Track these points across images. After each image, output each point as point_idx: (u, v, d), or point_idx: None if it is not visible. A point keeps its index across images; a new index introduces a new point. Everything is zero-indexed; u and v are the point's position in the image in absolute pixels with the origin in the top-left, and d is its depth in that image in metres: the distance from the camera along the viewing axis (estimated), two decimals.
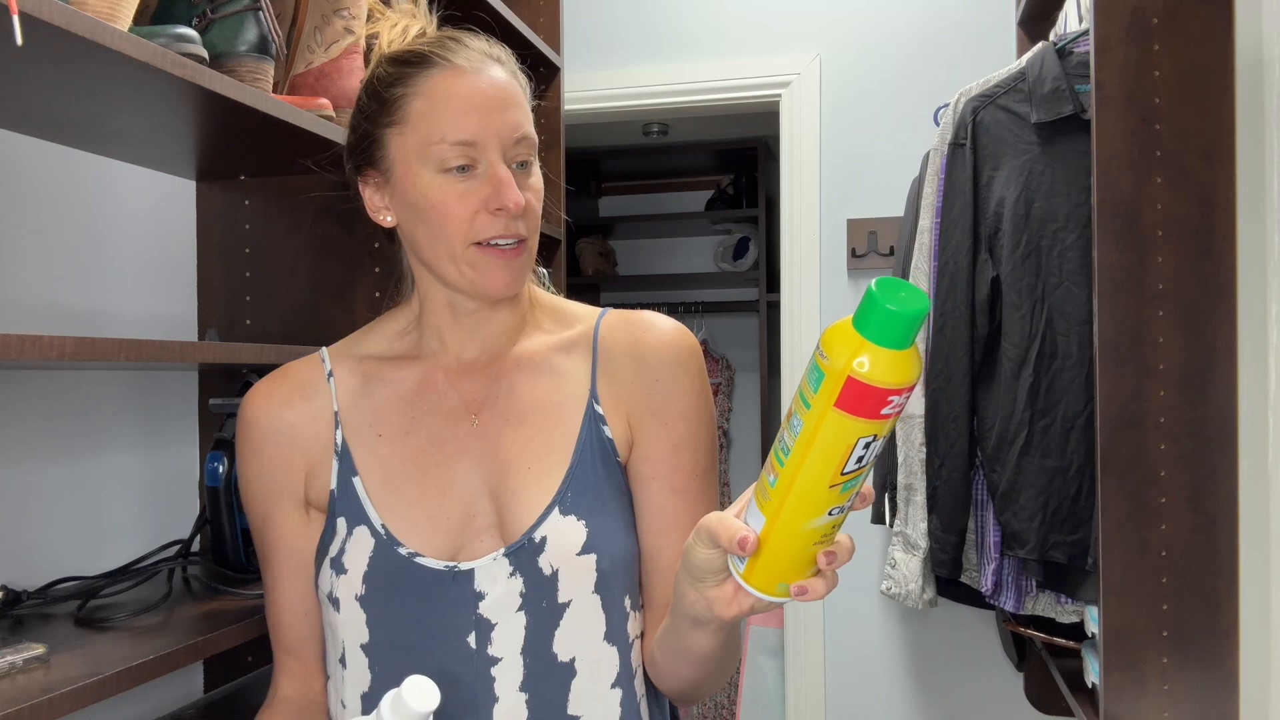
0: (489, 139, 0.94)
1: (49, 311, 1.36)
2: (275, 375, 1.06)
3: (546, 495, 0.96)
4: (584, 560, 0.94)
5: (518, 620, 0.94)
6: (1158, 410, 1.59)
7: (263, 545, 1.04)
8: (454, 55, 0.96)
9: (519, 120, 0.96)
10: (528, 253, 0.98)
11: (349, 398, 1.03)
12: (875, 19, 2.84)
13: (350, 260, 1.58)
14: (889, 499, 2.26)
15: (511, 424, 1.00)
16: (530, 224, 0.97)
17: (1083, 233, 1.85)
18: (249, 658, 1.53)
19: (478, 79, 0.95)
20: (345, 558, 0.97)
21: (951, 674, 2.76)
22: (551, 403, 1.00)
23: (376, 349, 1.06)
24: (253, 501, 1.04)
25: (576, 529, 0.94)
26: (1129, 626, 1.58)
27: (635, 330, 1.02)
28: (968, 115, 2.02)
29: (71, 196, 1.39)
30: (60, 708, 0.91)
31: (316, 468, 1.01)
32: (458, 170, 0.94)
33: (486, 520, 0.97)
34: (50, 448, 1.36)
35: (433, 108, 0.94)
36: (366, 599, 0.95)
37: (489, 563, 0.94)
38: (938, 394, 2.03)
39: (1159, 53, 1.59)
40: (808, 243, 2.87)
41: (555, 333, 1.05)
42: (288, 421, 1.02)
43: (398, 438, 1.00)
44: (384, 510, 0.97)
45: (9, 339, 0.88)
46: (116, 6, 1.01)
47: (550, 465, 0.97)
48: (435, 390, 1.02)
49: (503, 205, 0.94)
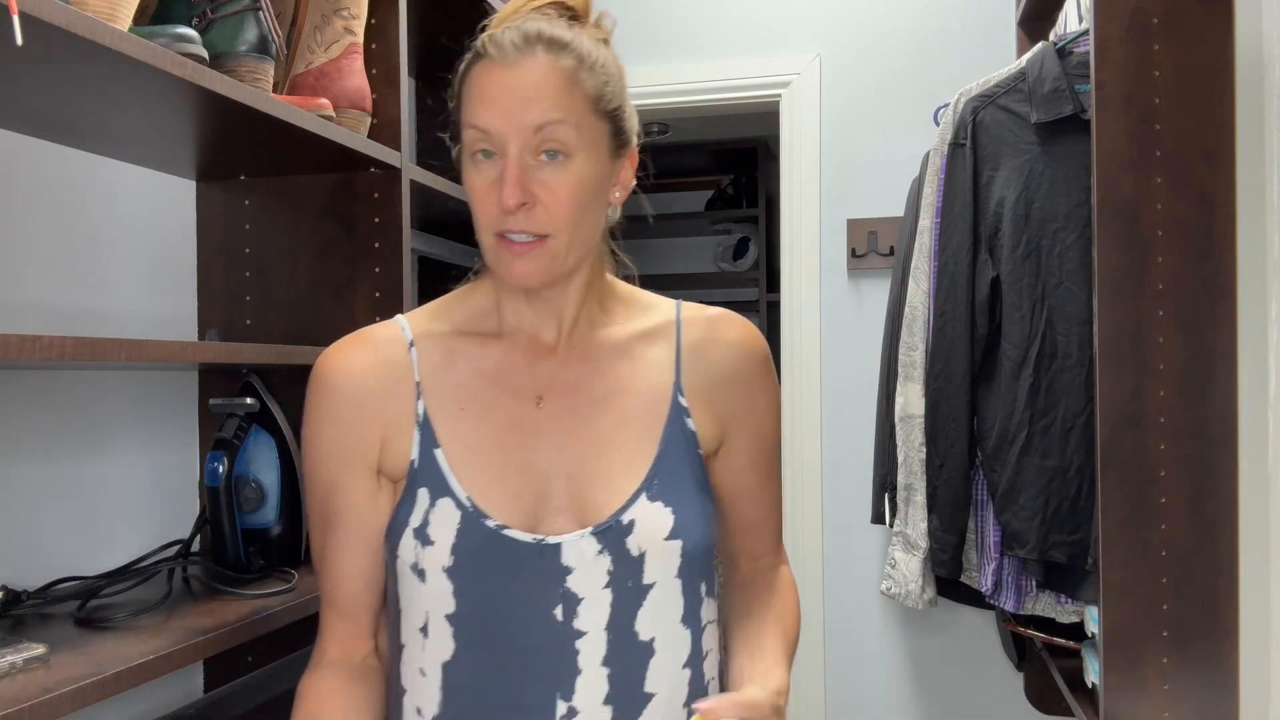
0: (508, 129, 0.93)
1: (49, 311, 1.36)
2: (354, 339, 1.05)
3: (634, 480, 0.99)
4: (671, 545, 0.98)
5: (604, 597, 0.96)
6: (1158, 410, 1.59)
7: (325, 510, 1.03)
8: (495, 46, 0.95)
9: (543, 110, 0.93)
10: (549, 249, 0.96)
11: (431, 370, 1.02)
12: (875, 19, 2.84)
13: (350, 260, 1.58)
14: (889, 499, 2.26)
15: (594, 408, 1.02)
16: (552, 219, 0.95)
17: (1083, 233, 1.85)
18: (249, 658, 1.53)
19: (507, 70, 0.94)
20: (430, 529, 0.97)
21: (951, 674, 2.76)
22: (635, 389, 1.03)
23: (459, 323, 1.06)
24: (321, 465, 1.02)
25: (664, 515, 0.98)
26: (1129, 626, 1.58)
27: (720, 329, 1.07)
28: (968, 115, 2.02)
29: (71, 196, 1.39)
30: (60, 708, 0.91)
31: (393, 436, 1.01)
32: (482, 155, 0.95)
33: (563, 500, 0.99)
34: (50, 448, 1.36)
35: (469, 95, 0.96)
36: (454, 570, 0.96)
37: (576, 539, 0.96)
38: (938, 394, 2.03)
39: (1159, 53, 1.59)
40: (808, 243, 2.87)
41: (633, 320, 1.07)
42: (367, 388, 1.01)
43: (478, 414, 1.01)
44: (467, 484, 0.98)
45: (9, 339, 0.89)
46: (116, 6, 1.01)
47: (638, 451, 1.00)
48: (515, 370, 1.03)
49: (501, 201, 0.93)
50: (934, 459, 2.05)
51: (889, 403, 2.27)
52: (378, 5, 1.60)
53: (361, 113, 1.51)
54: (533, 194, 0.94)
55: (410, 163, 1.63)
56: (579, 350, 1.04)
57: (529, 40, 0.95)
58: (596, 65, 0.97)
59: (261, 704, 1.39)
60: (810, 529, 2.83)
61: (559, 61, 0.95)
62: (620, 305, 1.08)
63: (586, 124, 0.95)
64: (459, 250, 1.99)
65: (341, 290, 1.58)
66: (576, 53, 0.96)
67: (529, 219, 0.94)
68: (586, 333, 1.05)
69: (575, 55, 0.96)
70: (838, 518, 2.83)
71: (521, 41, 0.95)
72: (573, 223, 0.96)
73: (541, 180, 0.94)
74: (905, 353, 2.14)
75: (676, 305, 1.10)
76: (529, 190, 0.93)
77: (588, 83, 0.96)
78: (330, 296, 1.58)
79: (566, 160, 0.94)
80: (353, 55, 1.51)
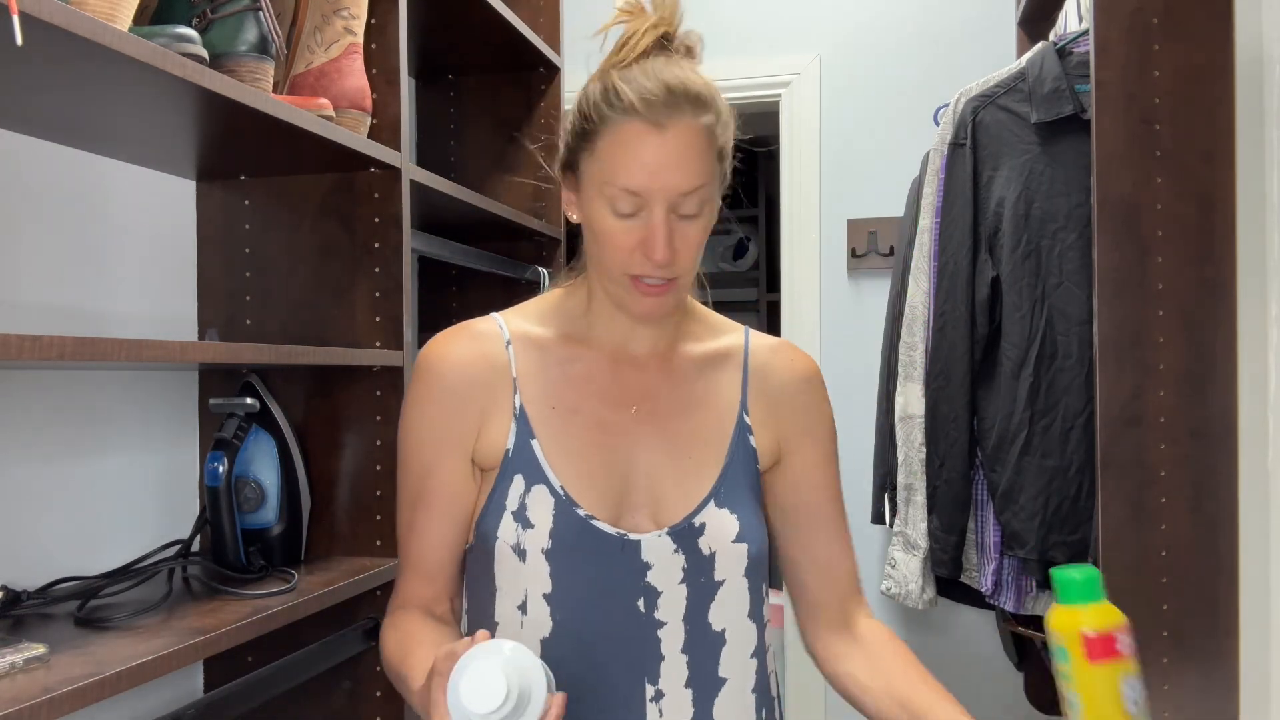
0: (655, 192, 0.99)
1: (49, 311, 1.36)
2: (458, 331, 1.12)
3: (704, 487, 1.07)
4: (738, 548, 1.06)
5: (680, 591, 1.05)
6: (1158, 410, 1.59)
7: (420, 489, 1.10)
8: (645, 105, 0.99)
9: (689, 177, 0.99)
10: (677, 289, 1.05)
11: (527, 368, 1.10)
12: (875, 19, 2.84)
13: (350, 260, 1.58)
14: (889, 499, 2.26)
15: (672, 418, 1.10)
16: (682, 266, 1.03)
17: (1083, 233, 1.85)
18: (249, 658, 1.53)
19: (660, 135, 0.98)
20: (529, 512, 1.04)
21: (951, 674, 2.74)
22: (707, 405, 1.12)
23: (554, 327, 1.13)
24: (420, 447, 1.10)
25: (731, 521, 1.07)
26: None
27: (782, 358, 1.16)
28: (968, 115, 2.02)
29: (71, 196, 1.39)
30: (60, 708, 0.91)
31: (491, 426, 1.08)
32: (625, 205, 1.00)
33: (643, 497, 1.07)
34: (50, 448, 1.36)
35: (614, 151, 1.00)
36: (552, 553, 1.03)
37: (654, 538, 1.05)
38: (938, 394, 2.03)
39: (1159, 53, 1.60)
40: (808, 243, 2.87)
41: (707, 341, 1.16)
42: (469, 377, 1.08)
43: (567, 414, 1.09)
44: (560, 475, 1.06)
45: (9, 339, 0.89)
46: (116, 6, 1.01)
47: (706, 460, 1.09)
48: (603, 376, 1.11)
49: (648, 256, 1.00)
50: (934, 459, 2.05)
51: (889, 403, 2.27)
52: (378, 5, 1.60)
53: (361, 113, 1.51)
54: (674, 249, 1.01)
55: (410, 163, 1.63)
56: (660, 363, 1.13)
57: (675, 97, 0.99)
58: (724, 117, 1.04)
59: (261, 704, 1.39)
60: None
61: (702, 121, 1.00)
62: (698, 325, 1.17)
63: (715, 174, 1.03)
64: (459, 250, 1.99)
65: (341, 290, 1.58)
66: (715, 108, 1.02)
67: (670, 268, 1.02)
68: (668, 348, 1.14)
69: (714, 112, 1.02)
70: None
71: (670, 99, 0.99)
72: (697, 262, 1.06)
73: (683, 234, 1.01)
74: (905, 353, 2.14)
75: (745, 331, 1.19)
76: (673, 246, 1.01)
77: (721, 138, 1.03)
78: (330, 296, 1.58)
79: (695, 219, 1.02)
80: (353, 55, 1.51)
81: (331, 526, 1.59)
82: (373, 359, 1.51)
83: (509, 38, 2.08)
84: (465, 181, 2.10)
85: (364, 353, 1.49)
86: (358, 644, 1.54)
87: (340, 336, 1.57)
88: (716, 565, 1.06)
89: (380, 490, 1.56)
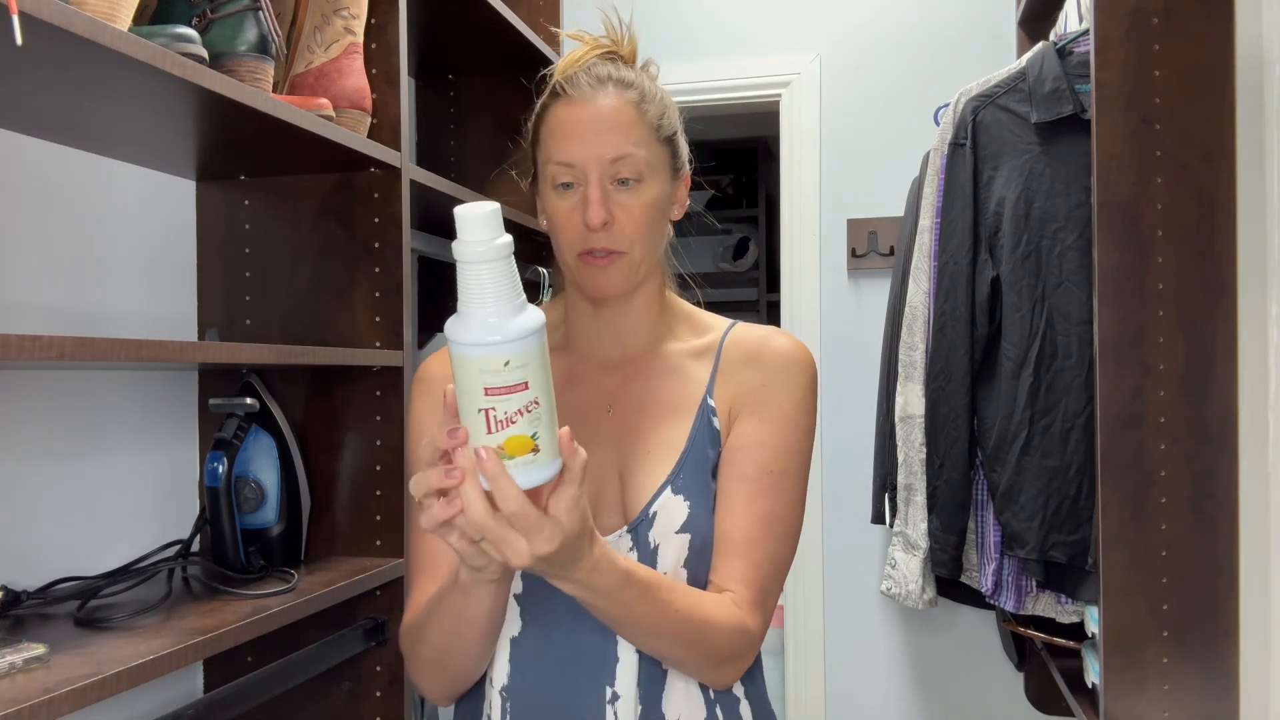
0: (587, 160, 1.05)
1: (49, 311, 1.36)
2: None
3: (662, 475, 1.08)
4: (680, 538, 1.06)
5: None
6: (1158, 410, 1.59)
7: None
8: (573, 86, 1.08)
9: (616, 143, 1.05)
10: (626, 262, 1.07)
11: None
12: (875, 19, 2.84)
13: (350, 260, 1.58)
14: (889, 499, 2.26)
15: (641, 415, 1.12)
16: (625, 236, 1.06)
17: (1083, 233, 1.85)
18: (249, 658, 1.53)
19: (584, 107, 1.07)
20: None
21: (951, 674, 2.76)
22: (675, 399, 1.12)
23: None
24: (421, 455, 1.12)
25: (681, 508, 1.06)
26: (1129, 626, 1.58)
27: (756, 339, 1.15)
28: (968, 115, 2.02)
29: (71, 196, 1.39)
30: (60, 708, 0.91)
31: None
32: (563, 187, 1.06)
33: (611, 499, 1.09)
34: (50, 448, 1.36)
35: (550, 133, 1.08)
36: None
37: (615, 537, 1.06)
38: (938, 394, 2.03)
39: (1159, 53, 1.59)
40: (808, 243, 2.87)
41: (689, 340, 1.17)
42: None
43: None
44: None
45: (9, 339, 0.89)
46: (116, 6, 1.01)
47: (667, 449, 1.09)
48: (580, 382, 1.14)
49: (586, 224, 1.04)
50: (934, 459, 2.05)
51: (889, 403, 2.27)
52: (378, 5, 1.60)
53: (361, 113, 1.51)
54: (612, 215, 1.05)
55: (410, 163, 1.63)
56: (637, 365, 1.14)
57: (600, 80, 1.08)
58: (656, 98, 1.11)
59: (261, 704, 1.39)
60: (810, 529, 2.83)
61: (626, 96, 1.08)
62: (683, 325, 1.18)
63: (652, 151, 1.08)
64: None
65: (341, 290, 1.58)
66: (640, 89, 1.10)
67: (609, 237, 1.05)
68: (646, 349, 1.15)
69: (639, 91, 1.09)
70: (838, 518, 2.83)
71: (595, 81, 1.08)
72: (645, 239, 1.08)
73: (619, 203, 1.06)
74: (905, 353, 2.14)
75: (732, 324, 1.19)
76: (610, 211, 1.05)
77: (651, 113, 1.09)
78: (330, 296, 1.58)
79: (638, 185, 1.07)
80: (353, 55, 1.51)
81: (331, 526, 1.59)
82: (372, 359, 1.51)
83: (509, 38, 2.08)
84: (465, 181, 2.10)
85: (364, 353, 1.49)
86: (358, 644, 1.54)
87: (340, 336, 1.57)
88: (659, 557, 1.05)
89: (380, 490, 1.56)
